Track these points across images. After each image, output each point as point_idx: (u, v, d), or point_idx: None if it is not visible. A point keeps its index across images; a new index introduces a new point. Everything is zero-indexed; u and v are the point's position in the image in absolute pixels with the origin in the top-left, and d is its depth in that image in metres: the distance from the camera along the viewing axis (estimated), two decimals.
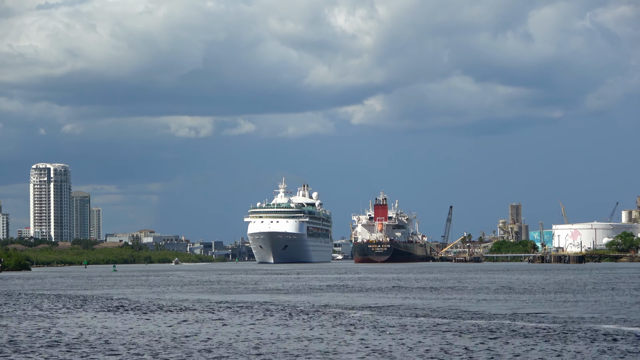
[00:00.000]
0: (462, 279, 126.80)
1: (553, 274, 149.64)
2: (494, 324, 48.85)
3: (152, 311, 62.10)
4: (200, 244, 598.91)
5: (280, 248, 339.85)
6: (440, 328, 46.55)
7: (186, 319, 54.34)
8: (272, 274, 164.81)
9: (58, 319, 55.94)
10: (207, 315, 57.29)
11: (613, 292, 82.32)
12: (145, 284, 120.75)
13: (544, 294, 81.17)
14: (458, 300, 72.22)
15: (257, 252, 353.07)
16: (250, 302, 70.67)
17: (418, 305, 64.56)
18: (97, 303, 72.33)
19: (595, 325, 47.44)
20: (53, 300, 77.35)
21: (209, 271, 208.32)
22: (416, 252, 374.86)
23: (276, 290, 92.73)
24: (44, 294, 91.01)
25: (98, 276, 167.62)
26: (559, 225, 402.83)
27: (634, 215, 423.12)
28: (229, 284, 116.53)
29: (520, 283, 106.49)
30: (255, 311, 60.47)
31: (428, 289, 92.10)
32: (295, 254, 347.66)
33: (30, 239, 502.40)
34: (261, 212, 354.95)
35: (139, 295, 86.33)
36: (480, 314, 56.41)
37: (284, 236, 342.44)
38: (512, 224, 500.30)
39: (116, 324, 51.53)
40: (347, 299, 75.45)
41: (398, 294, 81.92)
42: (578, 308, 61.20)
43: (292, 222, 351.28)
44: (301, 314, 57.56)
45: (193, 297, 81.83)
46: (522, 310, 59.58)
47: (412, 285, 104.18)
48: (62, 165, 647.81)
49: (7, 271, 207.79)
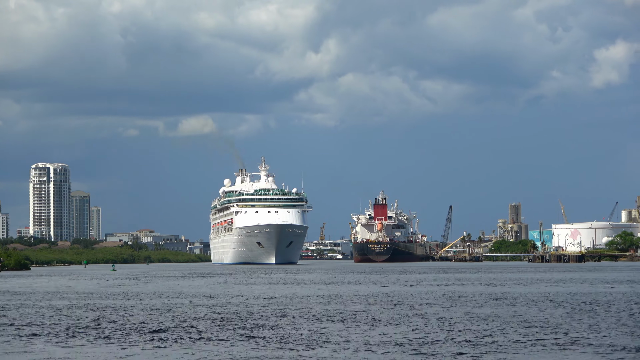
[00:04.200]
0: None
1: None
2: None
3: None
4: (200, 244, 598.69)
5: (285, 245, 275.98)
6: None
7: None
8: (312, 285, 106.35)
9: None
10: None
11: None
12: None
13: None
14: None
15: (249, 251, 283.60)
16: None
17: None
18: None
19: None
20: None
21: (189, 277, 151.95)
22: (416, 251, 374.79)
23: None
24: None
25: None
26: (559, 224, 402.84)
27: (633, 214, 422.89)
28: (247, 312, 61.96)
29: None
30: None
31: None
32: (295, 252, 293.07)
33: (29, 239, 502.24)
34: (254, 200, 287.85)
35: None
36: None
37: (292, 230, 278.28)
38: (512, 223, 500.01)
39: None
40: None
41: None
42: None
43: (293, 212, 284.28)
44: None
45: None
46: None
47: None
48: (62, 164, 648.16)
49: (6, 270, 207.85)
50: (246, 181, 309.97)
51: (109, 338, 45.44)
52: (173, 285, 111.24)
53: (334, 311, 60.68)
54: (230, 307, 66.84)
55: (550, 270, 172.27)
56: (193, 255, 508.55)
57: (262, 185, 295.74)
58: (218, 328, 49.65)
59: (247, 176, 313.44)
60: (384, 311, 60.34)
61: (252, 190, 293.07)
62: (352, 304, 68.56)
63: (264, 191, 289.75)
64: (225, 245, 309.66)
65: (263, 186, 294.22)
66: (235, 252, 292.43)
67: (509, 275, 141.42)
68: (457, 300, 72.70)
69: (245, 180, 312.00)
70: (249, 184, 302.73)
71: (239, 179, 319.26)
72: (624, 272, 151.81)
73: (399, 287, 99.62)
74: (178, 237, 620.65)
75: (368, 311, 60.35)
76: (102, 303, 74.38)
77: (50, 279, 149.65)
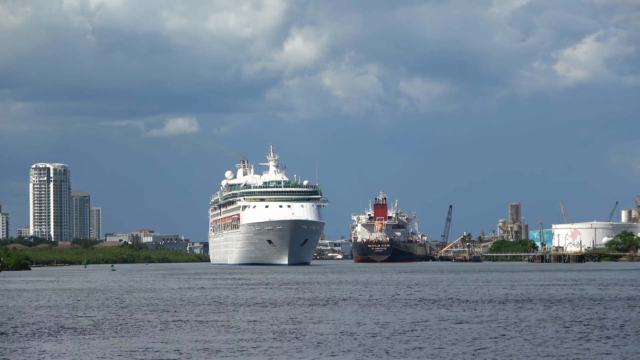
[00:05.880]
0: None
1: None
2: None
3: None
4: (200, 244, 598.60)
5: (299, 243, 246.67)
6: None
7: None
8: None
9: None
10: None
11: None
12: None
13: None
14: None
15: (258, 250, 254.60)
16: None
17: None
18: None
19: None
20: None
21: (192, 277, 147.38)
22: (416, 251, 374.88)
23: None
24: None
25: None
26: (559, 224, 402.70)
27: (633, 214, 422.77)
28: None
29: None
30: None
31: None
32: (309, 252, 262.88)
33: (30, 239, 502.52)
34: (264, 193, 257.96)
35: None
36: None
37: (308, 226, 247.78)
38: (512, 223, 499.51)
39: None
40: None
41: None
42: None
43: (308, 206, 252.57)
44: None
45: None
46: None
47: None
48: (62, 164, 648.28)
49: (6, 270, 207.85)
50: (250, 173, 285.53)
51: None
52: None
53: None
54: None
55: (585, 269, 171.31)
56: (193, 255, 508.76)
57: (271, 176, 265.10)
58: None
59: (250, 168, 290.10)
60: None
61: (261, 183, 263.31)
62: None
63: (274, 183, 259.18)
64: (228, 244, 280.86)
65: (273, 178, 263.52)
66: (242, 252, 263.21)
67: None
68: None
69: (248, 173, 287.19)
70: (252, 176, 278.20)
71: (240, 171, 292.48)
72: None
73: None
74: (178, 237, 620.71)
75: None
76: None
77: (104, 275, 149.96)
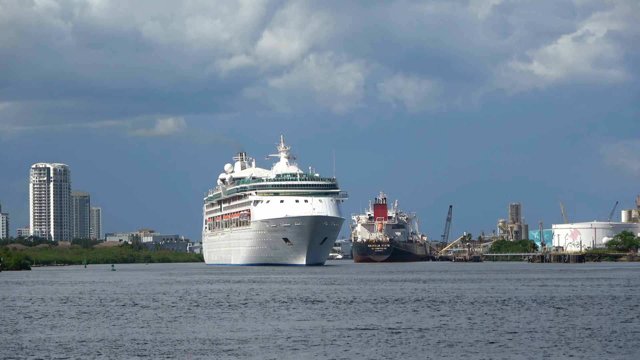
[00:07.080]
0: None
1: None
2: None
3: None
4: (200, 244, 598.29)
5: (319, 242, 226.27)
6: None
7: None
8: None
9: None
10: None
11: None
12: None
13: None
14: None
15: (272, 249, 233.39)
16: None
17: None
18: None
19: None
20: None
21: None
22: (416, 251, 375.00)
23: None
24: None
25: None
26: (559, 224, 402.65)
27: (633, 214, 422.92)
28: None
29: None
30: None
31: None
32: (327, 251, 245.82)
33: (30, 239, 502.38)
34: (278, 187, 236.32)
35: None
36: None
37: (329, 223, 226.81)
38: (512, 223, 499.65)
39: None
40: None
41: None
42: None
43: (326, 201, 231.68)
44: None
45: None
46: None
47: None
48: (62, 165, 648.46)
49: (7, 270, 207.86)
50: (249, 167, 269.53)
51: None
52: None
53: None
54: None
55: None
56: (193, 255, 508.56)
57: (283, 168, 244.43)
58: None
59: (248, 161, 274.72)
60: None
61: (274, 175, 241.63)
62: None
63: (289, 176, 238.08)
64: (232, 242, 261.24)
65: (286, 170, 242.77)
66: (252, 251, 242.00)
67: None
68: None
69: (247, 167, 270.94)
70: (256, 169, 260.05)
71: (238, 164, 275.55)
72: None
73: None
74: (178, 237, 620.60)
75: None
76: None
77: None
